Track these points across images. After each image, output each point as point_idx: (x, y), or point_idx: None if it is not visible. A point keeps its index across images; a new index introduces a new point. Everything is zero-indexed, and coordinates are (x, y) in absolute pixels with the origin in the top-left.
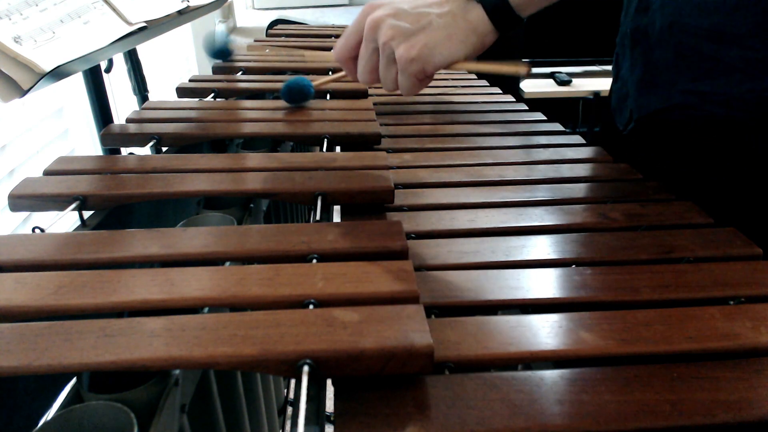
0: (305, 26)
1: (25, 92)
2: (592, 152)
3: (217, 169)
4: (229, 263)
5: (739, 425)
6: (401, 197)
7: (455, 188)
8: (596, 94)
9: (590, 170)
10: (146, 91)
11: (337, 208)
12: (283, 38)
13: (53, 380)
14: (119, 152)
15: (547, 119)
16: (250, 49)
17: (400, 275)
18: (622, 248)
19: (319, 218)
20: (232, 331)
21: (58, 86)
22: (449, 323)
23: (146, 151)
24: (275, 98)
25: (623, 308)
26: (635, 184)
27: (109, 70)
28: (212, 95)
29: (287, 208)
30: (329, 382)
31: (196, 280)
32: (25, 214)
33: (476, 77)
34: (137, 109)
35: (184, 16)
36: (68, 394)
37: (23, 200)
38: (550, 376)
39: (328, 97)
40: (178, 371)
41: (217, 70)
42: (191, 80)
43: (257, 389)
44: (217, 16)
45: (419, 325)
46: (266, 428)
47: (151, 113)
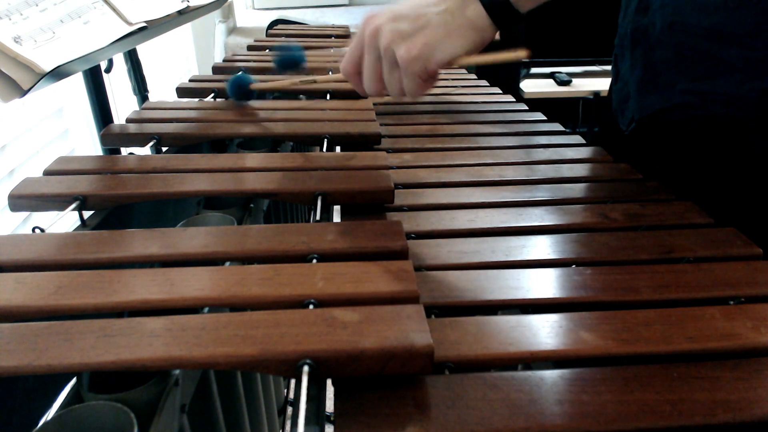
0: (305, 26)
1: (25, 92)
2: (592, 152)
3: (217, 169)
4: (229, 263)
5: (739, 425)
6: (401, 197)
7: (455, 188)
8: (596, 94)
9: (590, 170)
10: (146, 91)
11: (337, 208)
12: (283, 38)
13: (53, 380)
14: (119, 152)
15: (547, 119)
16: (250, 49)
17: (400, 275)
18: (622, 248)
19: (319, 218)
20: (232, 331)
21: (58, 86)
22: (449, 323)
23: (146, 151)
24: (275, 98)
25: (623, 308)
26: (635, 184)
27: (109, 70)
28: (212, 95)
29: (287, 208)
30: (329, 382)
31: (196, 280)
32: (25, 214)
33: (476, 77)
34: (137, 109)
35: (184, 16)
36: (68, 394)
37: (23, 200)
38: (550, 376)
39: (328, 97)
40: (178, 371)
41: (217, 70)
42: (191, 80)
43: (257, 389)
44: (217, 16)
45: (419, 325)
46: (266, 428)
47: (151, 113)
